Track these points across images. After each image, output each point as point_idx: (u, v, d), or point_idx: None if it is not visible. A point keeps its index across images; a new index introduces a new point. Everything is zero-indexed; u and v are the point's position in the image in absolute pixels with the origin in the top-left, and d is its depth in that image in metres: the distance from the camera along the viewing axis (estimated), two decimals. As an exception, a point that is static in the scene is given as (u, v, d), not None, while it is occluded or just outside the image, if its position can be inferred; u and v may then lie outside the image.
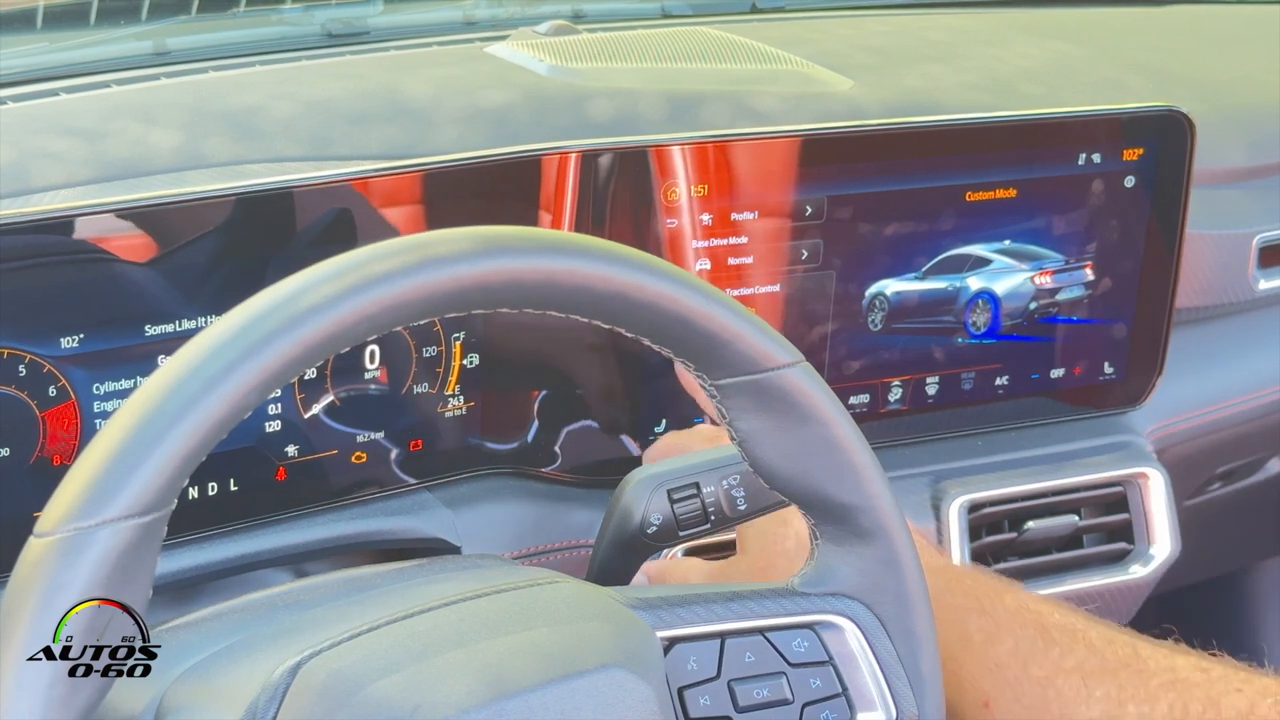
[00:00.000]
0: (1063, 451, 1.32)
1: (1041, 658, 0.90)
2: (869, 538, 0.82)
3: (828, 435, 0.79)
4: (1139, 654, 0.89)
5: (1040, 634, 0.91)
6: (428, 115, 1.17)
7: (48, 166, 1.03)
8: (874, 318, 1.22)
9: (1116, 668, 0.88)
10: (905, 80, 1.36)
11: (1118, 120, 1.27)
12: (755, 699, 0.82)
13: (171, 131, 1.09)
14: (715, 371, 0.77)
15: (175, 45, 1.31)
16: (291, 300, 0.67)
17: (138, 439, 0.64)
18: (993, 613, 0.93)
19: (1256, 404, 1.46)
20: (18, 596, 0.63)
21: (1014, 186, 1.24)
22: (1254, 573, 1.86)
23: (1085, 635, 0.91)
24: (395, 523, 1.11)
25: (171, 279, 1.00)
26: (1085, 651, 0.89)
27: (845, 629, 0.83)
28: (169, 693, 0.75)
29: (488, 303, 0.71)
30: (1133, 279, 1.30)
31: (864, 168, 1.19)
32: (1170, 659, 0.90)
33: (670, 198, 1.13)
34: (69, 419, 0.99)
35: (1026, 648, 0.90)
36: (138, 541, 0.64)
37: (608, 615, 0.78)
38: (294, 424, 1.06)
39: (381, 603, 0.78)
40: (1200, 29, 1.77)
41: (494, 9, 1.53)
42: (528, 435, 1.15)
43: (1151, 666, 0.89)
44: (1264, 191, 1.46)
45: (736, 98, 1.26)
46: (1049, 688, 0.88)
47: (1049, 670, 0.89)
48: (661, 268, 0.74)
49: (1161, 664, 0.89)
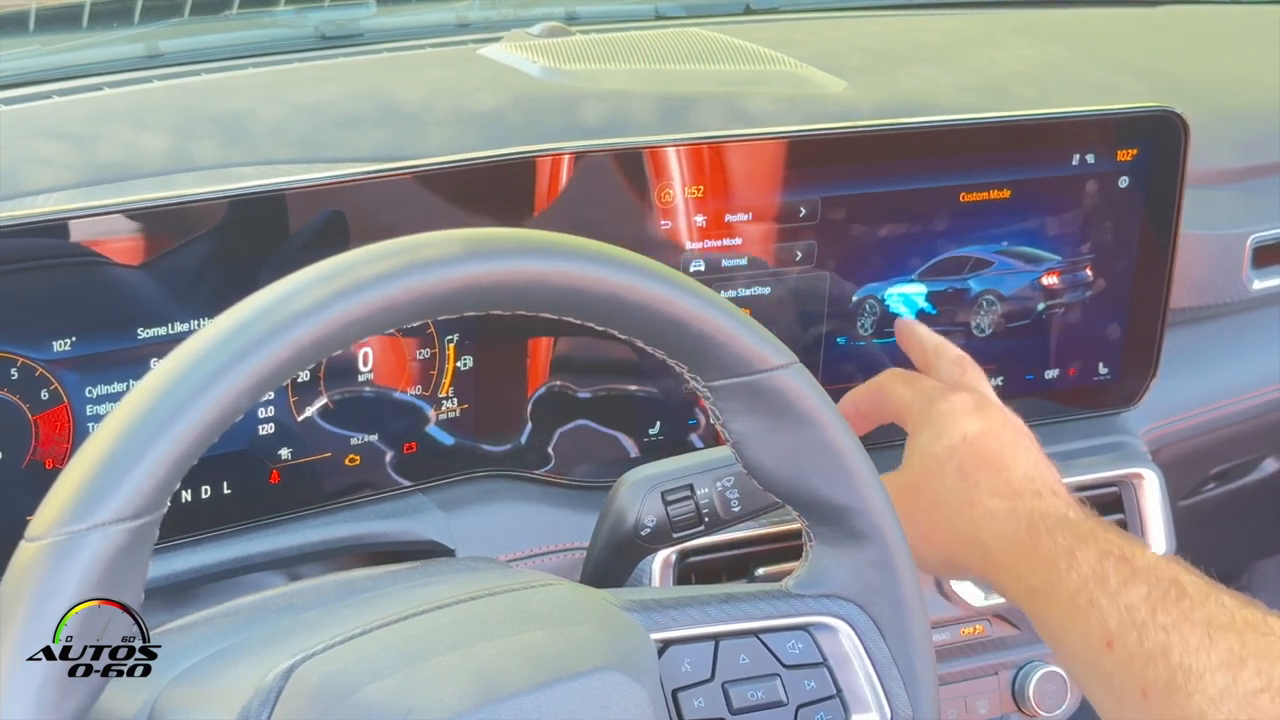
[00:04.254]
0: (1057, 452, 1.31)
1: (1172, 606, 0.90)
2: (863, 539, 0.82)
3: (821, 437, 0.79)
4: (1268, 620, 0.89)
5: (1174, 586, 0.92)
6: (419, 118, 1.17)
7: (37, 170, 1.03)
8: (868, 319, 1.22)
9: (1243, 627, 0.88)
10: (899, 82, 1.36)
11: (1111, 121, 1.26)
12: (750, 701, 0.82)
13: (161, 135, 1.09)
14: (709, 373, 0.77)
15: (168, 48, 1.31)
16: (282, 303, 0.66)
17: (129, 443, 0.64)
18: (1132, 560, 0.94)
19: (1251, 404, 1.46)
20: (9, 600, 0.63)
21: (1008, 187, 1.24)
22: (1249, 573, 1.86)
23: (1219, 596, 0.91)
24: (389, 525, 1.11)
25: (163, 282, 0.99)
26: (1215, 608, 0.90)
27: (840, 630, 0.83)
28: (162, 697, 0.75)
29: (479, 305, 0.71)
30: (1127, 279, 1.30)
31: (858, 169, 1.19)
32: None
33: (664, 199, 1.13)
34: (61, 422, 0.98)
35: (1159, 595, 0.91)
36: (129, 545, 0.64)
37: (602, 618, 0.78)
38: (287, 427, 1.06)
39: (375, 606, 0.78)
40: (1193, 30, 1.77)
41: (487, 11, 1.53)
42: (522, 437, 1.15)
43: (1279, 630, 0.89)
44: (1258, 192, 1.46)
45: (730, 99, 1.26)
46: (1174, 633, 0.89)
47: (1177, 618, 0.89)
48: (654, 269, 0.74)
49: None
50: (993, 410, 1.07)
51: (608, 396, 1.16)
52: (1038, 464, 1.04)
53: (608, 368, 1.16)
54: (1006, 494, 1.01)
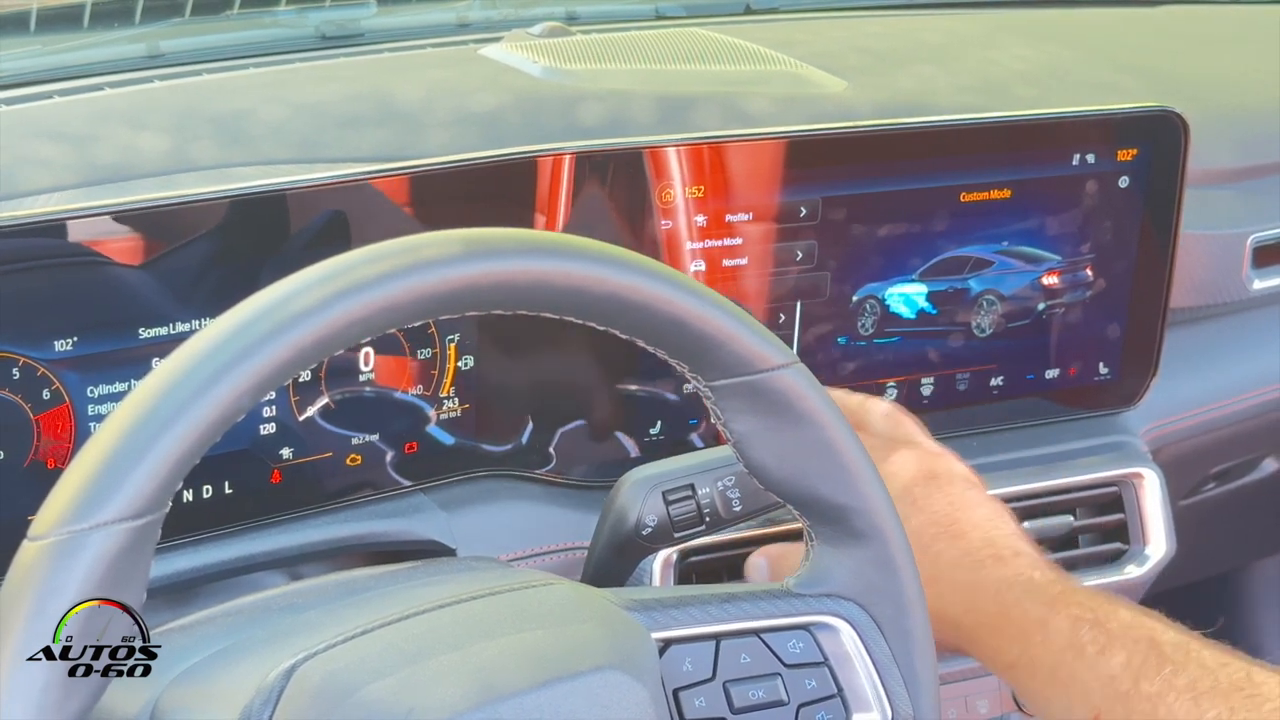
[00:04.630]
0: (1057, 452, 1.32)
1: (1154, 674, 0.88)
2: (864, 539, 0.82)
3: (822, 437, 0.79)
4: (1253, 679, 0.88)
5: (1153, 650, 0.90)
6: (418, 119, 1.17)
7: (36, 172, 1.03)
8: (869, 319, 1.22)
9: (1230, 690, 0.87)
10: (899, 82, 1.36)
11: (1111, 121, 1.27)
12: (750, 700, 0.82)
13: (160, 136, 1.09)
14: (710, 373, 0.77)
15: (169, 48, 1.31)
16: (284, 303, 0.67)
17: (131, 442, 0.64)
18: (1106, 625, 0.92)
19: (1251, 403, 1.47)
20: (11, 600, 0.63)
21: (1008, 187, 1.24)
22: (1249, 572, 1.86)
23: (1199, 655, 0.89)
24: (390, 525, 1.11)
25: (165, 282, 1.00)
26: (1198, 670, 0.88)
27: (840, 630, 0.83)
28: (164, 696, 0.75)
29: (480, 305, 0.71)
30: (1127, 279, 1.30)
31: (858, 169, 1.19)
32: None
33: (665, 199, 1.13)
34: (63, 422, 0.99)
35: (1139, 662, 0.89)
36: (131, 544, 0.64)
37: (603, 617, 0.78)
38: (289, 426, 1.06)
39: (376, 605, 0.78)
40: (1193, 29, 1.77)
41: (488, 11, 1.53)
42: (522, 437, 1.15)
43: (1265, 692, 0.87)
44: (1258, 191, 1.46)
45: (730, 99, 1.26)
46: (1160, 704, 0.87)
47: (1160, 687, 0.88)
48: (655, 269, 0.74)
49: (1275, 690, 0.87)
50: (938, 464, 1.03)
51: (608, 396, 1.16)
52: (993, 520, 1.01)
53: (609, 367, 1.16)
54: (968, 565, 0.98)
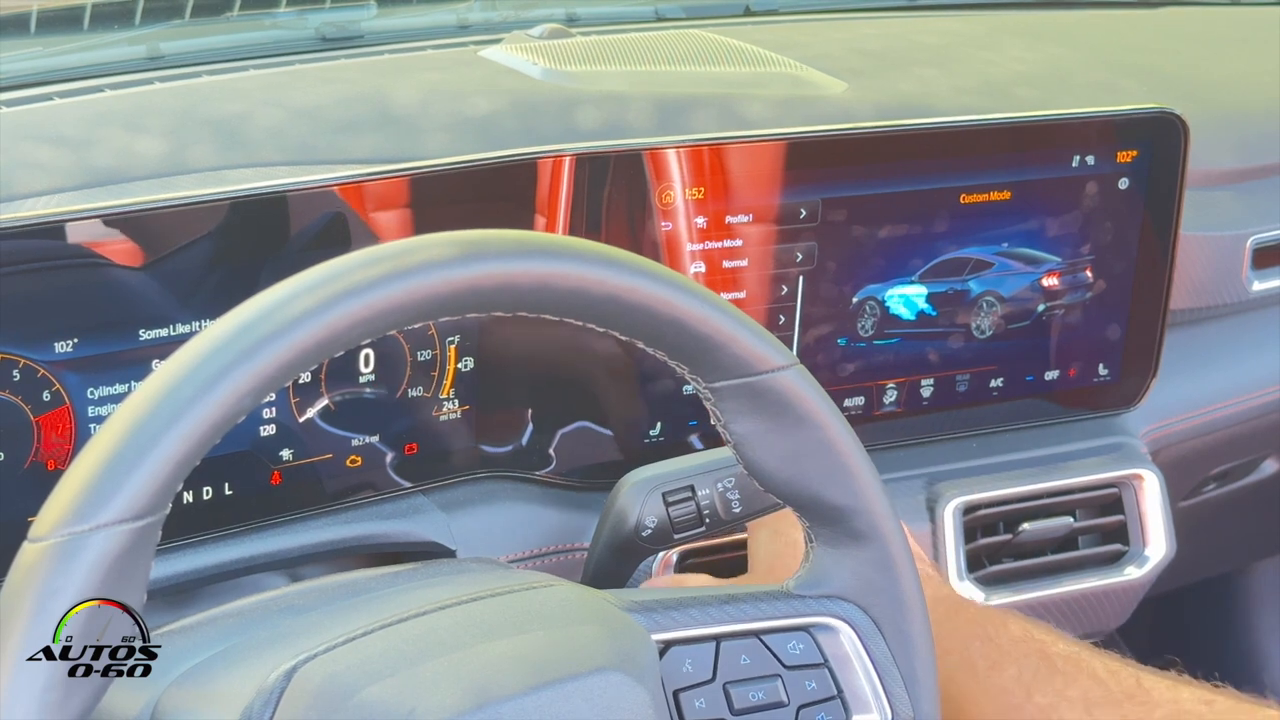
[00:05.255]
0: (1058, 453, 1.32)
1: (1045, 686, 0.89)
2: (863, 540, 0.82)
3: (822, 438, 0.79)
4: (1143, 685, 0.89)
5: (1044, 662, 0.90)
6: (416, 122, 1.17)
7: (37, 173, 1.03)
8: (869, 320, 1.22)
9: (1121, 698, 0.87)
10: (898, 83, 1.36)
11: (1111, 122, 1.27)
12: (751, 702, 0.82)
13: (157, 139, 1.09)
14: (710, 375, 0.77)
15: (169, 49, 1.31)
16: (285, 305, 0.67)
17: (132, 444, 0.64)
18: (996, 640, 0.92)
19: (1251, 405, 1.47)
20: (11, 600, 0.63)
21: (1008, 189, 1.24)
22: (1249, 573, 1.86)
23: (1089, 665, 0.90)
24: (390, 526, 1.11)
25: (165, 284, 1.00)
26: (1089, 681, 0.89)
27: (840, 631, 0.83)
28: (164, 697, 0.75)
29: (480, 306, 0.71)
30: (1127, 280, 1.30)
31: (858, 170, 1.19)
32: (1174, 691, 0.89)
33: (665, 201, 1.13)
34: (63, 423, 0.99)
35: (1030, 675, 0.90)
36: (132, 546, 0.64)
37: (603, 618, 0.78)
38: (289, 428, 1.06)
39: (376, 607, 0.78)
40: (1193, 31, 1.77)
41: (488, 12, 1.53)
42: (522, 438, 1.15)
43: (1155, 698, 0.88)
44: (1258, 193, 1.46)
45: (730, 101, 1.26)
46: (1052, 715, 0.88)
47: (1052, 698, 0.88)
48: (655, 270, 0.74)
49: (1165, 696, 0.88)
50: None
51: (608, 397, 1.16)
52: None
53: (608, 369, 1.16)
54: None
